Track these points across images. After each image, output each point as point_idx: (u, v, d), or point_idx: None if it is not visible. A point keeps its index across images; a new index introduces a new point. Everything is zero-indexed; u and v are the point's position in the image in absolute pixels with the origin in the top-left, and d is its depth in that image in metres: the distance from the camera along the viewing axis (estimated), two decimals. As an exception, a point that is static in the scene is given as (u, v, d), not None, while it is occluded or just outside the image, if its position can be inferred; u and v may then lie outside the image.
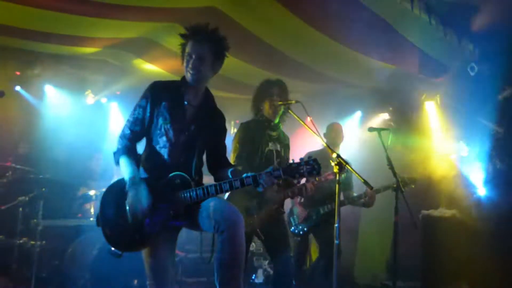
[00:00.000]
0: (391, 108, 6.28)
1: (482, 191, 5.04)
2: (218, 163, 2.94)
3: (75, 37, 5.15)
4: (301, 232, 4.74)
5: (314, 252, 5.72)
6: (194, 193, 2.64)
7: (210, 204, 2.63)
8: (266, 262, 6.47)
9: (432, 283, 5.04)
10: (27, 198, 4.77)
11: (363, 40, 4.63)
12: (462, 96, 5.02)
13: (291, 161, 2.68)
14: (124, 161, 2.75)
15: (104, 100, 6.92)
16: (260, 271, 6.32)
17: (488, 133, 4.81)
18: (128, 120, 2.82)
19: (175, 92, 2.81)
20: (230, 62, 5.35)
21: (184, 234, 3.13)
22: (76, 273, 4.71)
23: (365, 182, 3.18)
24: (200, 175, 2.85)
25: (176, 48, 2.92)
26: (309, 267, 5.06)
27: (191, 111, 2.81)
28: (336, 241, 3.25)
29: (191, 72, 2.74)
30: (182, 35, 2.81)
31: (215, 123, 2.90)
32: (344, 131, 4.92)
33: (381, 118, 6.27)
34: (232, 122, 6.58)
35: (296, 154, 3.63)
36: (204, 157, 2.96)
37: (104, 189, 2.91)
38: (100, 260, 4.61)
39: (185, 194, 2.65)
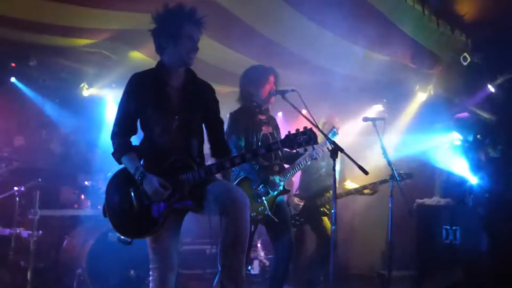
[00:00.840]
0: (385, 100, 6.34)
1: (474, 179, 5.10)
2: (219, 146, 2.95)
3: (70, 28, 5.10)
4: (297, 223, 4.79)
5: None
6: (197, 173, 2.66)
7: (216, 187, 2.66)
8: (262, 253, 6.52)
9: (428, 271, 5.10)
10: (23, 188, 4.77)
11: (357, 31, 4.67)
12: (455, 86, 5.07)
13: (286, 133, 2.71)
14: (126, 159, 2.75)
15: (99, 92, 6.93)
16: (256, 262, 6.37)
17: (481, 122, 4.88)
18: (115, 119, 2.82)
19: (156, 79, 2.77)
20: (225, 53, 5.45)
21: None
22: (73, 264, 4.73)
23: (360, 168, 3.23)
24: (201, 157, 2.85)
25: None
26: (306, 258, 5.11)
27: (176, 94, 2.78)
28: (332, 227, 3.31)
29: (191, 56, 2.73)
30: (174, 16, 2.71)
31: (203, 97, 2.87)
32: (338, 121, 4.97)
33: (376, 109, 6.32)
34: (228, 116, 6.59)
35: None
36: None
37: (100, 180, 2.92)
38: (96, 251, 4.64)
39: (188, 176, 2.66)
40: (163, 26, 2.73)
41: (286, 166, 4.10)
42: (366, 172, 3.24)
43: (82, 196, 5.32)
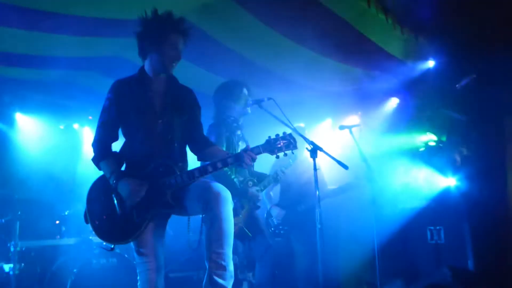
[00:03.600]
0: (360, 112, 6.49)
1: (451, 180, 5.23)
2: (199, 142, 2.98)
3: (41, 57, 5.06)
4: (281, 231, 4.80)
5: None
6: (180, 178, 2.68)
7: (197, 186, 2.68)
8: (251, 274, 6.44)
9: (415, 274, 5.13)
10: (3, 220, 4.68)
11: (327, 43, 4.83)
12: (424, 89, 5.25)
13: (267, 138, 2.78)
14: (104, 164, 2.79)
15: (76, 125, 6.91)
16: (245, 284, 6.28)
17: (452, 122, 5.05)
18: (97, 126, 2.86)
19: (138, 85, 2.82)
20: (196, 73, 5.51)
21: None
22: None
23: (340, 163, 3.31)
24: (184, 161, 2.89)
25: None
26: (296, 269, 5.10)
27: (159, 98, 2.83)
28: (318, 225, 3.35)
29: (173, 64, 2.80)
30: (160, 23, 2.77)
31: (185, 101, 2.92)
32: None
33: (351, 121, 6.46)
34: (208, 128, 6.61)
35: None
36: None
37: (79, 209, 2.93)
38: (81, 279, 4.55)
39: (170, 180, 2.68)
40: (149, 30, 2.79)
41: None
42: (346, 167, 3.33)
43: (63, 227, 5.23)
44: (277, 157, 2.77)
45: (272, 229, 4.89)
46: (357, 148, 4.65)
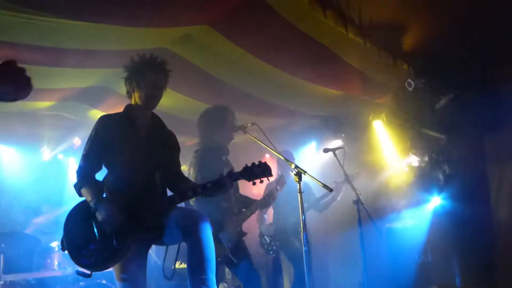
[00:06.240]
0: (343, 135, 6.58)
1: (436, 199, 5.29)
2: (176, 179, 3.06)
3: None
4: (274, 247, 4.84)
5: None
6: (160, 203, 2.75)
7: (176, 213, 2.73)
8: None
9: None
10: (-14, 255, 4.60)
11: (306, 68, 4.94)
12: (404, 111, 5.36)
13: (244, 166, 2.91)
14: (85, 190, 2.85)
15: (61, 156, 6.88)
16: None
17: (433, 142, 5.14)
18: (82, 155, 2.96)
19: (124, 119, 2.99)
20: (179, 100, 5.56)
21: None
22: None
23: (324, 186, 3.36)
24: (164, 189, 2.96)
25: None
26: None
27: (142, 130, 2.99)
28: (304, 248, 3.36)
29: (152, 101, 2.97)
30: (138, 64, 3.01)
31: (167, 140, 3.09)
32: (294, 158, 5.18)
33: (335, 144, 6.53)
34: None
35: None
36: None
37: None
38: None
39: (151, 207, 2.72)
40: (130, 73, 3.02)
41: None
42: (330, 189, 3.38)
43: (48, 259, 5.15)
44: (254, 183, 2.88)
45: (265, 247, 4.92)
46: (342, 170, 4.73)
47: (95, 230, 2.70)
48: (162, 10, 3.79)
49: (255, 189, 3.47)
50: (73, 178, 6.54)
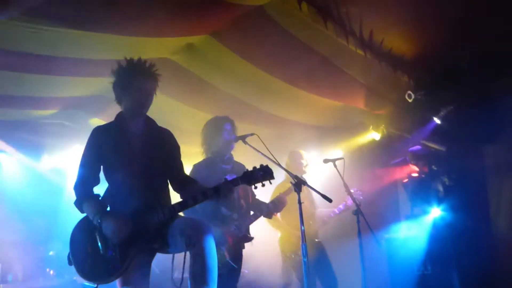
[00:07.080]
0: (343, 145, 6.59)
1: (436, 210, 5.29)
2: (180, 181, 3.05)
3: (29, 98, 5.10)
4: None
5: None
6: (162, 214, 2.73)
7: (181, 221, 2.74)
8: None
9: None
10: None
11: (307, 78, 4.97)
12: (404, 122, 5.38)
13: (245, 170, 2.93)
14: (86, 205, 2.83)
15: (61, 165, 6.86)
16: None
17: (433, 153, 5.15)
18: (78, 170, 2.93)
19: (117, 129, 2.94)
20: (182, 110, 5.57)
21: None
22: None
23: (324, 196, 3.36)
24: (166, 197, 2.95)
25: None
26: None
27: (137, 140, 2.93)
28: (304, 259, 3.35)
29: (141, 107, 2.90)
30: (126, 69, 2.92)
31: (163, 142, 3.02)
32: (305, 158, 5.16)
33: (335, 154, 6.54)
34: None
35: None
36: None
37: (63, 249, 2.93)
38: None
39: (153, 216, 2.72)
40: (118, 79, 2.94)
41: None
42: (329, 200, 3.38)
43: (46, 268, 5.13)
44: (255, 187, 2.87)
45: None
46: (342, 181, 4.72)
47: (99, 244, 2.70)
48: (163, 20, 3.82)
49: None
50: (72, 186, 6.62)
